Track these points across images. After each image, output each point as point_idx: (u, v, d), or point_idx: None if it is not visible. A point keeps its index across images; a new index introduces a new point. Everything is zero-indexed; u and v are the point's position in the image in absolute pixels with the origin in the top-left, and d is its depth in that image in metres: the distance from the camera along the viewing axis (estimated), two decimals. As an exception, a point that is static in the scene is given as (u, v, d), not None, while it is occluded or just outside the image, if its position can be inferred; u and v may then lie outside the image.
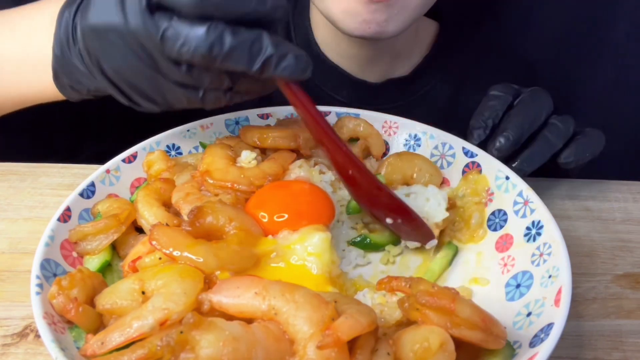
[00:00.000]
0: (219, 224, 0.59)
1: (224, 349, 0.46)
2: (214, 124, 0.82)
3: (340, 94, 1.04)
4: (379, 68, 1.03)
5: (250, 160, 0.71)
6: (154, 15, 0.54)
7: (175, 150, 0.80)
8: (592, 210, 0.81)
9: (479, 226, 0.70)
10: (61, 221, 0.65)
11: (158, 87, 0.61)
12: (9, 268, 0.70)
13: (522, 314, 0.58)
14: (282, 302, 0.50)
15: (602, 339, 0.63)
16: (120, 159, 0.75)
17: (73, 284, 0.57)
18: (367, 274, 0.69)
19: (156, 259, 0.58)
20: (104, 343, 0.51)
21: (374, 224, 0.73)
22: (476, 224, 0.70)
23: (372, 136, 0.80)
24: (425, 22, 1.08)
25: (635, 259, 0.74)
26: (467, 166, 0.75)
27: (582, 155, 0.75)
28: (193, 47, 0.53)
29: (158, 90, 0.61)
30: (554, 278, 0.58)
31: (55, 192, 0.81)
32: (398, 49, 1.01)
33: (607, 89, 1.27)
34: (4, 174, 0.84)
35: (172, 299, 0.51)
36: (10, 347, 0.61)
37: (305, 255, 0.60)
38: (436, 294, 0.52)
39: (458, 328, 0.51)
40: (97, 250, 0.64)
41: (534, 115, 0.74)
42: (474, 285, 0.65)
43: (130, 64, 0.59)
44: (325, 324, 0.48)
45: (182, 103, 0.63)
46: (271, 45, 0.54)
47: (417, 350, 0.50)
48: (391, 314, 0.57)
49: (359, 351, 0.49)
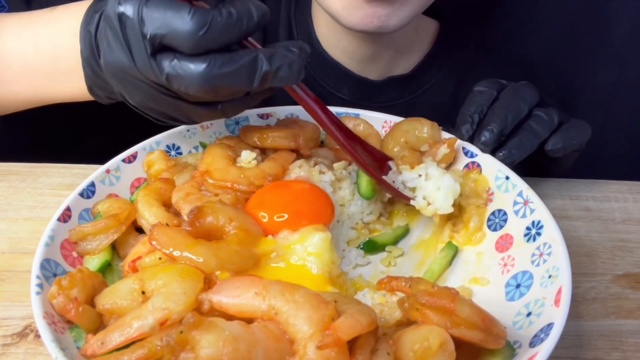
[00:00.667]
0: (219, 224, 0.59)
1: (224, 349, 0.46)
2: (214, 124, 0.82)
3: (341, 91, 1.04)
4: (379, 65, 1.03)
5: (250, 160, 0.71)
6: (156, 57, 0.57)
7: (175, 150, 0.80)
8: (592, 210, 0.81)
9: (477, 230, 0.70)
10: (61, 221, 0.65)
11: (180, 110, 0.64)
12: (9, 268, 0.70)
13: (522, 314, 0.58)
14: (282, 302, 0.50)
15: (602, 339, 0.63)
16: (120, 159, 0.75)
17: (73, 284, 0.57)
18: (367, 274, 0.69)
19: (156, 259, 0.58)
20: (104, 343, 0.51)
21: (375, 224, 0.73)
22: (474, 228, 0.70)
23: (372, 136, 0.80)
24: (426, 20, 1.08)
25: (635, 259, 0.74)
26: (467, 166, 0.75)
27: (569, 142, 0.75)
28: (196, 86, 0.57)
29: (181, 113, 0.65)
30: (554, 278, 0.58)
31: (55, 192, 0.81)
32: (398, 47, 1.02)
33: (607, 89, 1.27)
34: (4, 174, 0.84)
35: (172, 299, 0.51)
36: (10, 347, 0.61)
37: (305, 255, 0.60)
38: (436, 294, 0.52)
39: (458, 328, 0.51)
40: (97, 250, 0.64)
41: (516, 108, 0.75)
42: (474, 285, 0.65)
43: (149, 96, 0.62)
44: (325, 324, 0.48)
45: (205, 118, 0.67)
46: (266, 61, 0.58)
47: (417, 350, 0.50)
48: (391, 314, 0.57)
49: (359, 351, 0.49)
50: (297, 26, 1.06)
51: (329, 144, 0.81)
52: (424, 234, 0.73)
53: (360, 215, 0.73)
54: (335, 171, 0.73)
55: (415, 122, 0.78)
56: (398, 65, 1.05)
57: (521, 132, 0.74)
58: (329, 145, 0.81)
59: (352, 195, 0.72)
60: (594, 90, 1.27)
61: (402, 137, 0.77)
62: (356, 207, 0.72)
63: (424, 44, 1.07)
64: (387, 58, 1.03)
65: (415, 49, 1.06)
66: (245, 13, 0.57)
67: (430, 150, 0.76)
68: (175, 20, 0.55)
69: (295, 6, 1.06)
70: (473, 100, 0.77)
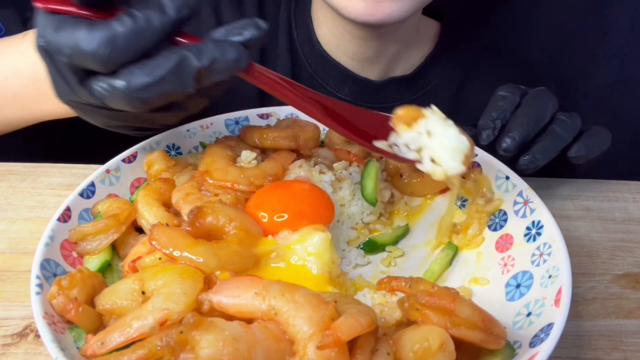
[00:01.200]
0: (219, 224, 0.59)
1: (224, 349, 0.46)
2: (214, 124, 0.82)
3: (342, 92, 1.04)
4: (380, 66, 1.03)
5: (250, 160, 0.71)
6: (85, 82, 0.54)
7: (175, 150, 0.80)
8: (592, 210, 0.81)
9: (475, 236, 0.70)
10: (61, 221, 0.65)
11: (145, 121, 0.63)
12: (9, 268, 0.70)
13: (522, 314, 0.58)
14: (282, 302, 0.50)
15: (602, 339, 0.63)
16: (120, 159, 0.75)
17: (73, 284, 0.57)
18: (367, 274, 0.69)
19: (156, 259, 0.58)
20: (104, 343, 0.51)
21: (375, 224, 0.73)
22: (472, 235, 0.70)
23: (372, 136, 0.80)
24: (426, 21, 1.08)
25: (635, 259, 0.74)
26: (467, 166, 0.75)
27: (591, 149, 0.75)
28: (127, 103, 0.53)
29: (148, 122, 0.63)
30: (554, 278, 0.58)
31: (55, 192, 0.81)
32: (399, 47, 1.01)
33: (607, 89, 1.27)
34: (4, 174, 0.84)
35: (172, 299, 0.51)
36: (10, 347, 0.61)
37: (305, 255, 0.60)
38: (436, 294, 0.52)
39: (458, 328, 0.51)
40: (97, 250, 0.64)
41: (539, 115, 0.74)
42: (474, 285, 0.65)
43: (106, 116, 0.61)
44: (325, 324, 0.48)
45: (173, 120, 0.64)
46: (194, 58, 0.52)
47: (417, 350, 0.50)
48: (391, 314, 0.57)
49: (359, 351, 0.49)
50: (297, 27, 1.06)
51: (329, 144, 0.81)
52: (424, 234, 0.73)
53: (360, 215, 0.73)
54: (335, 171, 0.73)
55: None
56: (399, 66, 1.05)
57: (545, 137, 0.73)
58: (329, 145, 0.81)
59: (352, 195, 0.72)
60: (594, 89, 1.27)
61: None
62: (356, 207, 0.72)
63: (425, 45, 1.07)
64: (388, 58, 1.02)
65: (416, 50, 1.06)
66: (153, 12, 0.51)
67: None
68: (80, 43, 0.50)
69: (295, 7, 1.06)
70: (496, 105, 0.76)
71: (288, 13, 1.06)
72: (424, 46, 1.06)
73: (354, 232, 0.72)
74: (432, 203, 0.76)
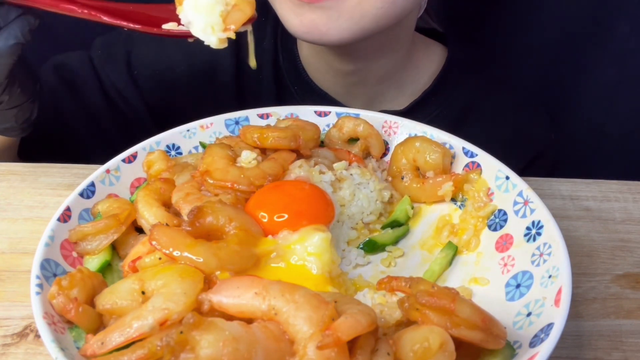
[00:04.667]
0: (219, 224, 0.59)
1: (224, 349, 0.46)
2: (214, 124, 0.82)
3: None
4: (364, 98, 1.01)
5: (250, 160, 0.71)
6: None
7: (175, 150, 0.80)
8: (592, 210, 0.81)
9: (469, 242, 0.69)
10: (61, 221, 0.65)
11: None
12: (9, 268, 0.70)
13: (522, 314, 0.58)
14: (282, 302, 0.50)
15: (602, 339, 0.63)
16: (120, 159, 0.75)
17: (73, 284, 0.57)
18: (367, 274, 0.69)
19: (156, 259, 0.58)
20: (104, 343, 0.51)
21: (375, 224, 0.73)
22: (466, 242, 0.69)
23: (372, 136, 0.80)
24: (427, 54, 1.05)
25: (635, 259, 0.74)
26: (467, 166, 0.75)
27: None
28: None
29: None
30: (554, 278, 0.58)
31: (55, 192, 0.81)
32: (382, 77, 0.99)
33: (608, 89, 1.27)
34: (4, 174, 0.84)
35: (172, 299, 0.51)
36: (10, 347, 0.61)
37: (305, 255, 0.60)
38: (436, 294, 0.52)
39: (458, 328, 0.51)
40: (97, 250, 0.64)
41: None
42: (474, 285, 0.65)
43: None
44: (325, 324, 0.48)
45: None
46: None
47: (417, 350, 0.50)
48: (391, 314, 0.57)
49: (359, 351, 0.49)
50: (284, 52, 1.04)
51: (329, 144, 0.81)
52: (424, 234, 0.73)
53: (360, 216, 0.73)
54: (335, 171, 0.73)
55: (429, 144, 0.75)
56: (393, 99, 1.02)
57: None
58: (329, 145, 0.81)
59: (352, 195, 0.72)
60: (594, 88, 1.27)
61: (411, 153, 0.76)
62: (356, 207, 0.72)
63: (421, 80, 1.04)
64: (372, 90, 1.00)
65: (410, 84, 1.03)
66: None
67: (434, 179, 0.74)
68: None
69: (282, 35, 1.04)
70: None
71: (275, 39, 1.04)
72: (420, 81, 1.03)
73: (354, 232, 0.72)
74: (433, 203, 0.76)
